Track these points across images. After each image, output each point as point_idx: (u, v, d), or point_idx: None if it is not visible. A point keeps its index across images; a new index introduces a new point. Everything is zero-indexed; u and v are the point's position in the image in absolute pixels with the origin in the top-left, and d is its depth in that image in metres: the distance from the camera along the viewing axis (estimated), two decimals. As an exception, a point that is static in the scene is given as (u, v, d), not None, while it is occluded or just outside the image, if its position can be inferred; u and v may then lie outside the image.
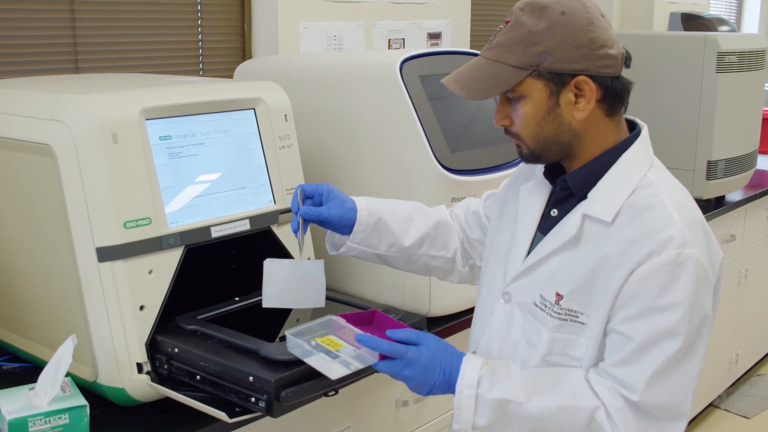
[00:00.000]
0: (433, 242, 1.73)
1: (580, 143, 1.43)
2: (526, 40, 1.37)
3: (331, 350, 1.45)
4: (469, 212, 1.78)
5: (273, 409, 1.46)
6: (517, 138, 1.45)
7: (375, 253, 1.69)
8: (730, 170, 3.37)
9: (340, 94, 2.16)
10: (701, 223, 1.40)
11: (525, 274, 1.48)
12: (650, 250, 1.33)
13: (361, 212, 1.65)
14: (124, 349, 1.57)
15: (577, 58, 1.36)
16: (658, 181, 1.41)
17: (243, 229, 1.75)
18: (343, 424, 1.93)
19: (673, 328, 1.32)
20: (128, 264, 1.56)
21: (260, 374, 1.46)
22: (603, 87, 1.39)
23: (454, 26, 3.56)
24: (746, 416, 3.84)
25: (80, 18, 2.52)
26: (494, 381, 1.39)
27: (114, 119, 1.56)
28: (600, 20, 1.39)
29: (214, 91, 1.79)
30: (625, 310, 1.35)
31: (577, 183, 1.45)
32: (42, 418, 1.41)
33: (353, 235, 1.66)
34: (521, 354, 1.48)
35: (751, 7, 6.79)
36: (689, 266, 1.32)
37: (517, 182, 1.61)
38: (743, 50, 3.27)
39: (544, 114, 1.40)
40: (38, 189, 1.65)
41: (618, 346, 1.36)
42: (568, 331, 1.41)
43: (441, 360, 1.42)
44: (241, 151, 1.80)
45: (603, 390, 1.35)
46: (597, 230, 1.40)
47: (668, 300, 1.32)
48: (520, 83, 1.38)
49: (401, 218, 1.70)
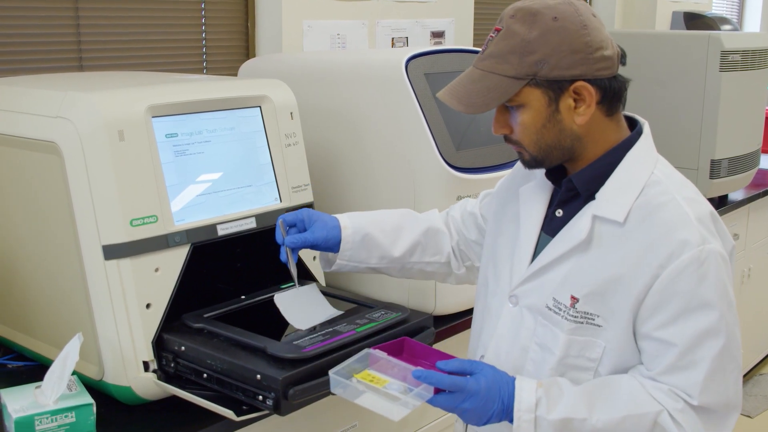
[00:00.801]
0: (425, 249, 1.73)
1: (582, 146, 1.42)
2: (521, 50, 1.34)
3: (378, 388, 1.40)
4: (466, 213, 1.77)
5: (281, 407, 1.45)
6: (518, 145, 1.43)
7: (367, 266, 1.71)
8: (733, 169, 3.36)
9: (345, 93, 2.16)
10: (713, 215, 1.40)
11: (534, 277, 1.46)
12: (670, 252, 1.32)
13: (345, 230, 1.67)
14: (131, 348, 1.57)
15: (574, 63, 1.34)
16: (666, 178, 1.41)
17: (249, 227, 1.75)
18: (349, 422, 1.93)
19: (713, 326, 1.32)
20: (134, 262, 1.55)
21: (268, 372, 1.46)
22: (601, 89, 1.37)
23: (458, 25, 3.56)
24: (749, 415, 3.84)
25: (84, 16, 2.51)
26: (551, 401, 1.36)
27: (120, 117, 1.55)
28: (593, 21, 1.37)
29: (221, 89, 1.78)
30: (659, 316, 1.34)
31: (583, 183, 1.44)
32: (48, 416, 1.41)
33: (341, 253, 1.68)
34: (533, 358, 1.46)
35: (753, 6, 6.79)
36: (713, 262, 1.32)
37: (515, 183, 1.59)
38: (747, 49, 3.27)
39: (545, 121, 1.38)
40: (44, 187, 1.64)
41: (660, 352, 1.35)
42: (585, 334, 1.40)
43: (499, 388, 1.37)
44: (247, 148, 1.80)
45: (661, 394, 1.34)
46: (609, 231, 1.38)
47: (702, 299, 1.32)
48: (518, 93, 1.36)
49: (389, 229, 1.71)
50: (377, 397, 1.39)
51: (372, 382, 1.41)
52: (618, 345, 1.39)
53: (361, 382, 1.41)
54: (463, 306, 2.13)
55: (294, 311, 1.66)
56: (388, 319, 1.67)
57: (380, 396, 1.39)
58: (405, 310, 1.72)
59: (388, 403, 1.38)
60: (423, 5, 3.39)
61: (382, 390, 1.39)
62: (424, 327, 1.72)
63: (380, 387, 1.40)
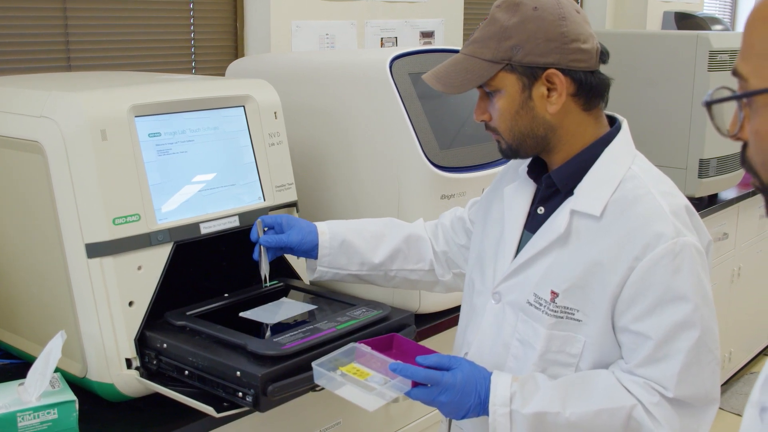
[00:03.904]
0: (407, 257, 1.76)
1: (557, 137, 1.45)
2: (499, 35, 1.40)
3: (359, 380, 1.43)
4: (455, 218, 1.80)
5: (260, 403, 1.46)
6: (495, 132, 1.48)
7: (348, 273, 1.75)
8: (722, 168, 3.38)
9: (331, 92, 2.17)
10: (688, 209, 1.42)
11: (515, 273, 1.49)
12: (645, 243, 1.34)
13: (323, 236, 1.72)
14: (113, 345, 1.58)
15: (548, 51, 1.39)
16: (643, 173, 1.43)
17: (232, 225, 1.76)
18: (333, 420, 1.94)
19: (687, 318, 1.34)
20: (117, 260, 1.57)
21: (247, 369, 1.47)
22: (576, 81, 1.41)
23: (447, 25, 3.57)
24: (740, 414, 3.86)
25: (72, 16, 2.52)
26: (526, 395, 1.38)
27: (103, 116, 1.57)
28: (573, 15, 1.41)
29: (204, 89, 1.80)
30: (635, 308, 1.36)
31: (562, 179, 1.46)
32: (31, 413, 1.42)
33: (320, 259, 1.72)
34: (514, 353, 1.48)
35: (745, 6, 6.80)
36: (687, 254, 1.34)
37: (501, 184, 1.62)
38: (735, 49, 3.28)
39: (518, 107, 1.43)
40: (28, 186, 1.66)
41: (636, 345, 1.37)
42: (565, 329, 1.41)
43: (476, 383, 1.41)
44: (230, 148, 1.81)
45: (636, 387, 1.36)
46: (587, 226, 1.41)
47: (676, 291, 1.34)
48: (494, 77, 1.42)
49: (369, 236, 1.75)
50: (356, 388, 1.43)
51: (355, 375, 1.45)
52: (598, 340, 1.40)
53: (346, 374, 1.45)
54: (448, 305, 2.15)
55: (261, 312, 1.73)
56: (369, 316, 1.68)
57: (360, 388, 1.42)
58: (386, 307, 1.73)
59: (364, 394, 1.41)
60: (412, 5, 3.40)
61: (363, 382, 1.43)
62: (405, 324, 1.73)
63: (362, 379, 1.44)
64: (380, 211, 2.08)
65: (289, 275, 1.93)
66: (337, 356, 1.50)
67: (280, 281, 1.89)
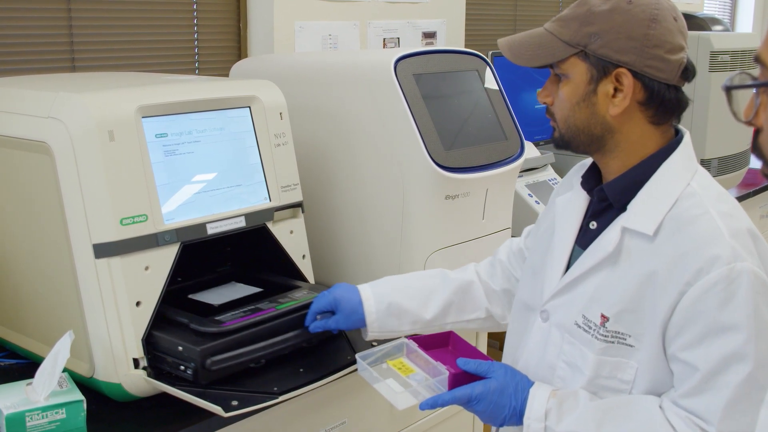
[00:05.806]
0: (461, 308, 1.70)
1: (615, 141, 1.38)
2: (583, 18, 1.35)
3: (400, 375, 1.44)
4: (512, 253, 1.73)
5: (199, 376, 1.54)
6: (553, 119, 1.43)
7: (402, 333, 1.68)
8: (723, 168, 3.39)
9: (335, 93, 2.18)
10: (752, 232, 1.32)
11: (563, 291, 1.43)
12: (698, 268, 1.25)
13: (367, 302, 1.65)
14: (121, 345, 1.58)
15: (625, 49, 1.32)
16: (702, 191, 1.34)
17: (238, 226, 1.77)
18: (338, 419, 1.94)
19: (738, 350, 1.23)
20: (124, 260, 1.57)
21: (188, 344, 1.56)
22: (647, 89, 1.34)
23: (449, 26, 3.58)
24: None
25: (77, 17, 2.53)
26: (562, 413, 1.33)
27: (111, 117, 1.57)
28: (668, 21, 1.34)
29: (210, 90, 1.80)
30: (684, 336, 1.27)
31: (615, 193, 1.39)
32: (39, 412, 1.43)
33: (369, 326, 1.65)
34: (560, 375, 1.42)
35: (745, 7, 6.81)
36: (744, 281, 1.24)
37: (555, 195, 1.56)
38: (736, 49, 3.29)
39: (579, 99, 1.37)
40: (35, 186, 1.66)
41: (684, 375, 1.28)
42: (616, 354, 1.34)
43: (510, 394, 1.38)
44: (236, 148, 1.81)
45: (678, 420, 1.27)
46: (639, 245, 1.33)
47: (728, 321, 1.24)
48: (565, 60, 1.37)
49: (415, 293, 1.68)
50: (392, 384, 1.45)
51: (399, 370, 1.47)
52: (650, 366, 1.32)
53: (391, 369, 1.48)
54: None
55: (209, 294, 1.81)
56: (308, 298, 1.73)
57: (397, 384, 1.44)
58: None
59: (396, 392, 1.43)
60: (414, 6, 3.40)
61: (403, 378, 1.45)
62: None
63: (404, 375, 1.46)
64: (385, 211, 2.09)
65: (295, 276, 1.93)
66: (387, 349, 1.52)
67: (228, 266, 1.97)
